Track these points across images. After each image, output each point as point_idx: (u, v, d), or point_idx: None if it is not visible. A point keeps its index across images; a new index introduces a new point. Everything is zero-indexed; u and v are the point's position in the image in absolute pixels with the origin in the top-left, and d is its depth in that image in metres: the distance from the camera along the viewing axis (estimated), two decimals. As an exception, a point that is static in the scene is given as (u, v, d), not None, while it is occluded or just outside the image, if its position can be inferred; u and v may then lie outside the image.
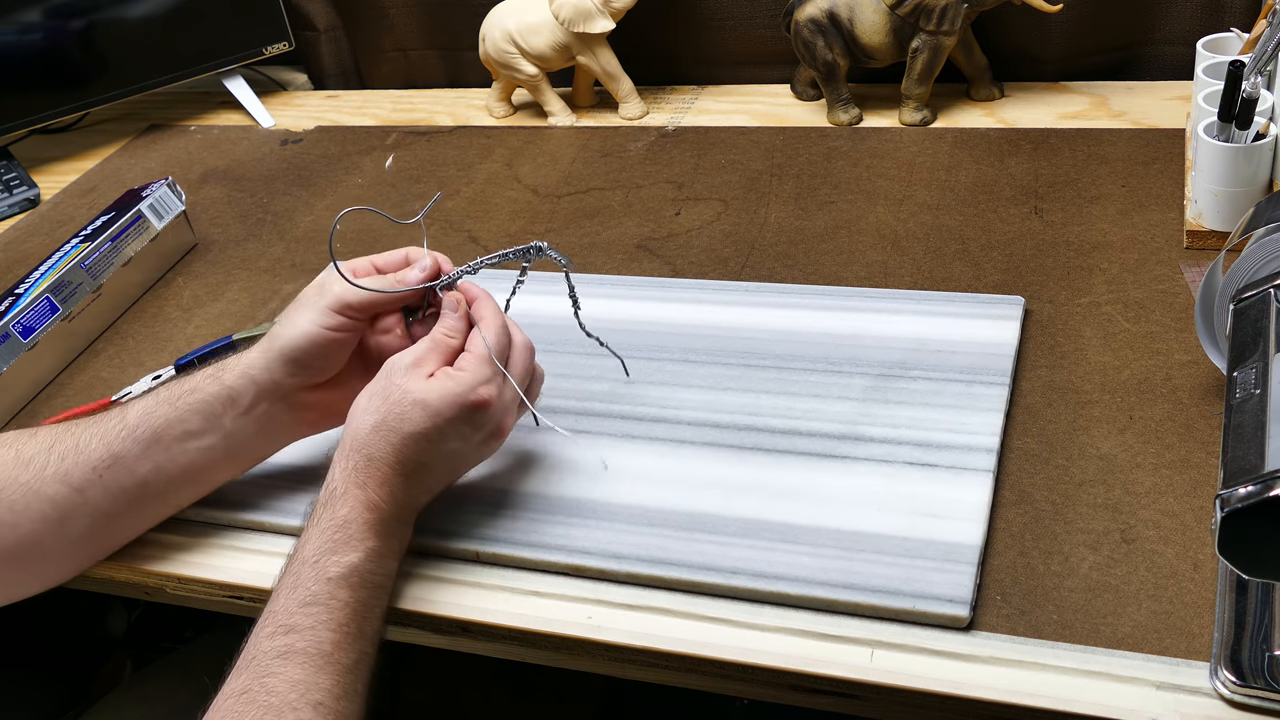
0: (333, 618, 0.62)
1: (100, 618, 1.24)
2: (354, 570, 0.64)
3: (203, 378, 0.72)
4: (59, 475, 0.70)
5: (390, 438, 0.67)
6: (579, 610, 0.68)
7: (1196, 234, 0.90)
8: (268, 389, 0.72)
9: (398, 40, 1.42)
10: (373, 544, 0.66)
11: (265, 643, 0.61)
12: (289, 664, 0.60)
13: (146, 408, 0.72)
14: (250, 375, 0.71)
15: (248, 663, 0.61)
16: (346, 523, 0.65)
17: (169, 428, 0.71)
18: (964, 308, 0.85)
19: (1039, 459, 0.73)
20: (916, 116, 1.15)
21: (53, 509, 0.70)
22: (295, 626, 0.61)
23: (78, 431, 0.72)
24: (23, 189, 1.28)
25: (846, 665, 0.62)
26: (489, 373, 0.69)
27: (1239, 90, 0.85)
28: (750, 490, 0.72)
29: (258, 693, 0.59)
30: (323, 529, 0.65)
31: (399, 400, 0.67)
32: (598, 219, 1.07)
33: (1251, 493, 0.51)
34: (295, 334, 0.71)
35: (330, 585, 0.63)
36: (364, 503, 0.66)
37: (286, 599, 0.63)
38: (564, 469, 0.76)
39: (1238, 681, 0.57)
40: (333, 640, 0.62)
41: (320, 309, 0.71)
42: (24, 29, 1.30)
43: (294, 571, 0.64)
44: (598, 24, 1.19)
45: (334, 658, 0.61)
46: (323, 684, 0.60)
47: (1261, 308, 0.64)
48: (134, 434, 0.71)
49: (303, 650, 0.61)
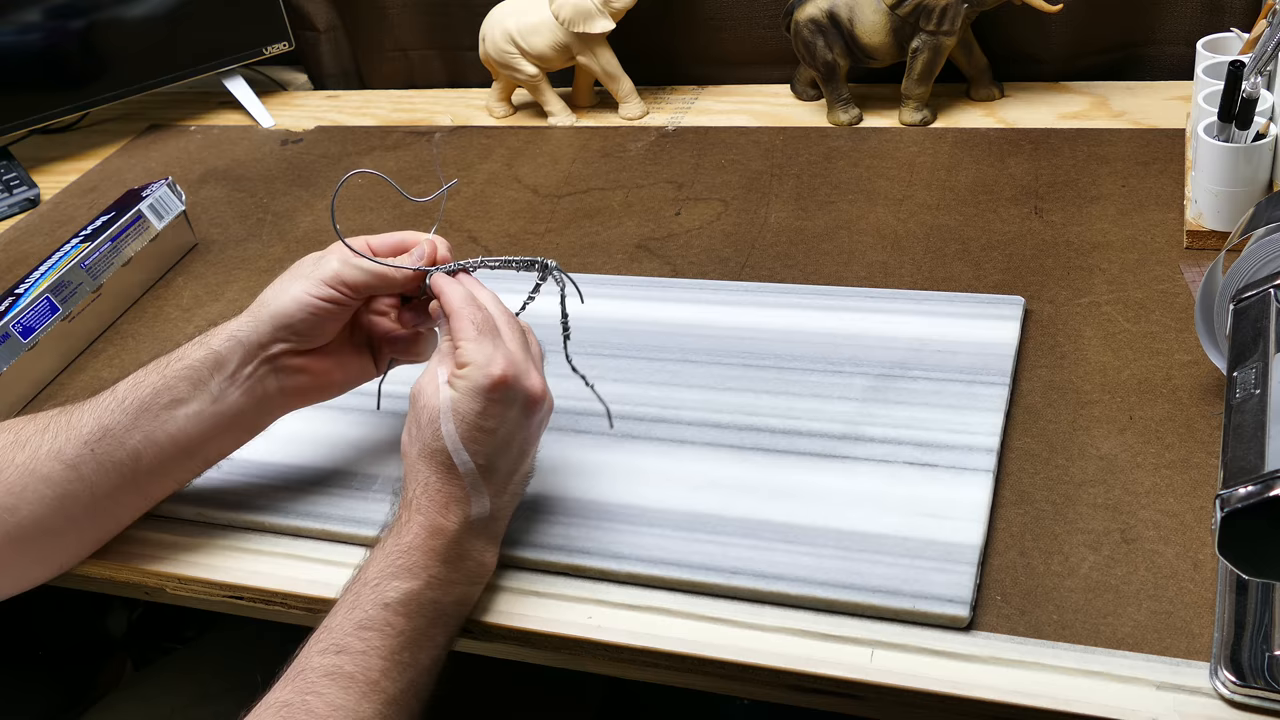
0: (385, 644, 0.62)
1: (100, 618, 1.24)
2: (412, 598, 0.63)
3: (190, 345, 0.72)
4: (53, 453, 0.70)
5: (439, 457, 0.65)
6: (579, 610, 0.68)
7: (1196, 234, 0.90)
8: (254, 352, 0.71)
9: (398, 40, 1.42)
10: (436, 571, 0.64)
11: (315, 658, 0.61)
12: (334, 686, 0.60)
13: (136, 379, 0.71)
14: (237, 338, 0.71)
15: (295, 674, 0.60)
16: (409, 549, 0.64)
17: (156, 396, 0.71)
18: (964, 308, 0.85)
19: (1039, 459, 0.73)
20: (916, 116, 1.15)
21: (49, 488, 0.70)
22: (347, 648, 0.61)
23: (71, 410, 0.71)
24: (23, 189, 1.28)
25: (846, 665, 0.62)
26: (488, 350, 0.66)
27: (1239, 90, 0.85)
28: (750, 490, 0.72)
29: (297, 709, 0.58)
30: (387, 552, 0.64)
31: (429, 421, 0.65)
32: (598, 219, 1.07)
33: (1251, 493, 0.51)
34: (286, 300, 0.70)
35: (386, 611, 0.62)
36: (428, 528, 0.65)
37: (343, 618, 0.62)
38: (564, 469, 0.76)
39: (1238, 681, 0.57)
40: (381, 668, 0.61)
41: (314, 280, 0.70)
42: (24, 29, 1.30)
43: (354, 591, 0.63)
44: (598, 24, 1.19)
45: (380, 685, 0.61)
46: (364, 712, 0.60)
47: (1261, 308, 0.64)
48: (122, 405, 0.70)
49: (349, 675, 0.60)
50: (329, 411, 0.83)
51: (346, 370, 0.76)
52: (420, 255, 0.72)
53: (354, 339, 0.75)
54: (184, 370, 0.71)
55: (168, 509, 0.79)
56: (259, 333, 0.71)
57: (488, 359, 0.65)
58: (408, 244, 0.73)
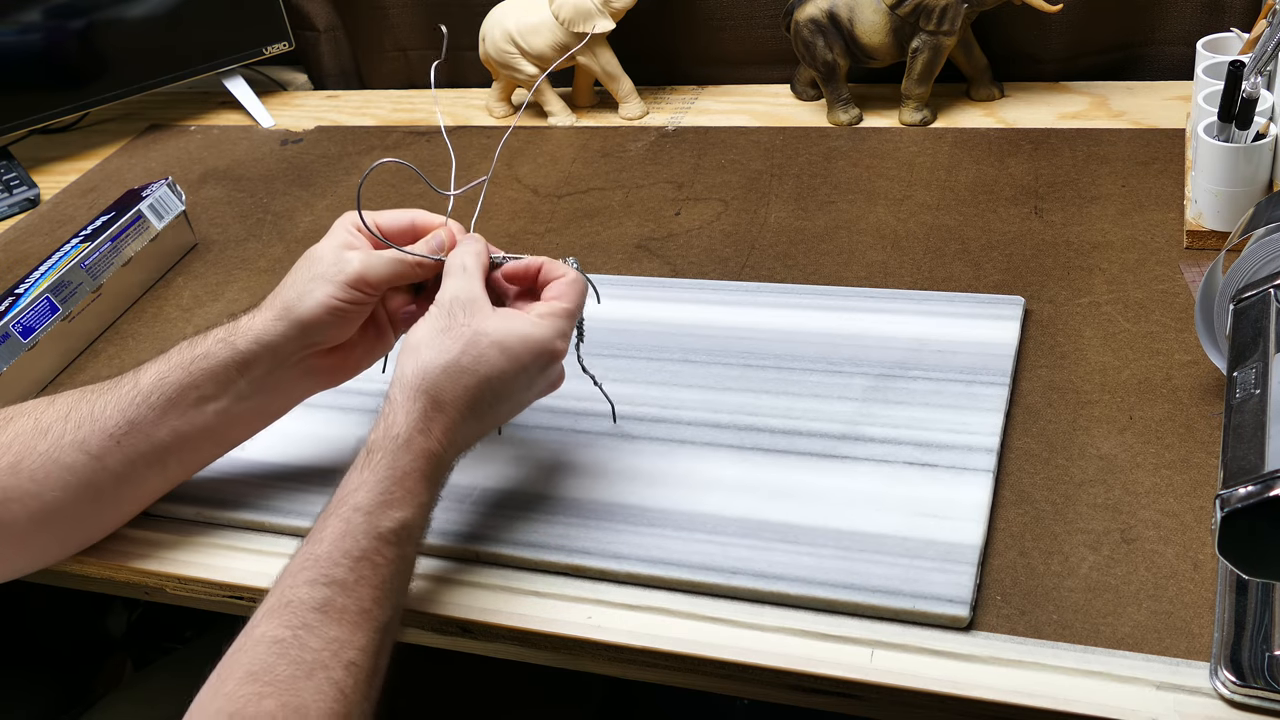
0: (376, 575, 0.61)
1: (100, 618, 1.24)
2: (405, 526, 0.63)
3: (214, 343, 0.71)
4: (76, 443, 0.70)
5: (464, 379, 0.65)
6: (579, 610, 0.68)
7: (1196, 234, 0.90)
8: (281, 356, 0.71)
9: (398, 40, 1.42)
10: (424, 498, 0.64)
11: (305, 590, 0.59)
12: (328, 619, 0.59)
13: (159, 373, 0.71)
14: (263, 342, 0.70)
15: (282, 605, 0.59)
16: (406, 475, 0.63)
17: (183, 394, 0.70)
18: (964, 308, 0.85)
19: (1039, 459, 0.73)
20: (916, 116, 1.15)
21: (73, 476, 0.70)
22: (339, 580, 0.60)
23: (93, 398, 0.71)
24: (23, 189, 1.28)
25: (846, 665, 0.62)
26: (567, 327, 0.68)
27: (1239, 90, 0.85)
28: (750, 490, 0.72)
29: (291, 645, 0.58)
30: (381, 477, 0.63)
31: (473, 341, 0.65)
32: (598, 219, 1.07)
33: (1251, 493, 0.51)
34: (311, 305, 0.70)
35: (380, 541, 0.62)
36: (425, 452, 0.64)
37: (333, 547, 0.61)
38: (564, 469, 0.76)
39: (1238, 681, 0.57)
40: (373, 597, 0.61)
41: (338, 283, 0.70)
42: (24, 29, 1.30)
43: (344, 518, 0.62)
44: (598, 24, 1.19)
45: (372, 614, 0.60)
46: (358, 642, 0.59)
47: (1261, 308, 0.64)
48: (148, 400, 0.70)
49: (343, 607, 0.59)
50: (329, 412, 0.83)
51: (369, 350, 0.76)
52: (439, 244, 0.72)
53: (373, 318, 0.75)
54: (210, 369, 0.71)
55: (167, 509, 0.79)
56: (286, 337, 0.71)
57: (563, 332, 0.68)
58: (420, 226, 0.73)
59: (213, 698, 0.56)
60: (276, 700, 0.55)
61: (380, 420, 0.65)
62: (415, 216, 0.73)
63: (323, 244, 0.72)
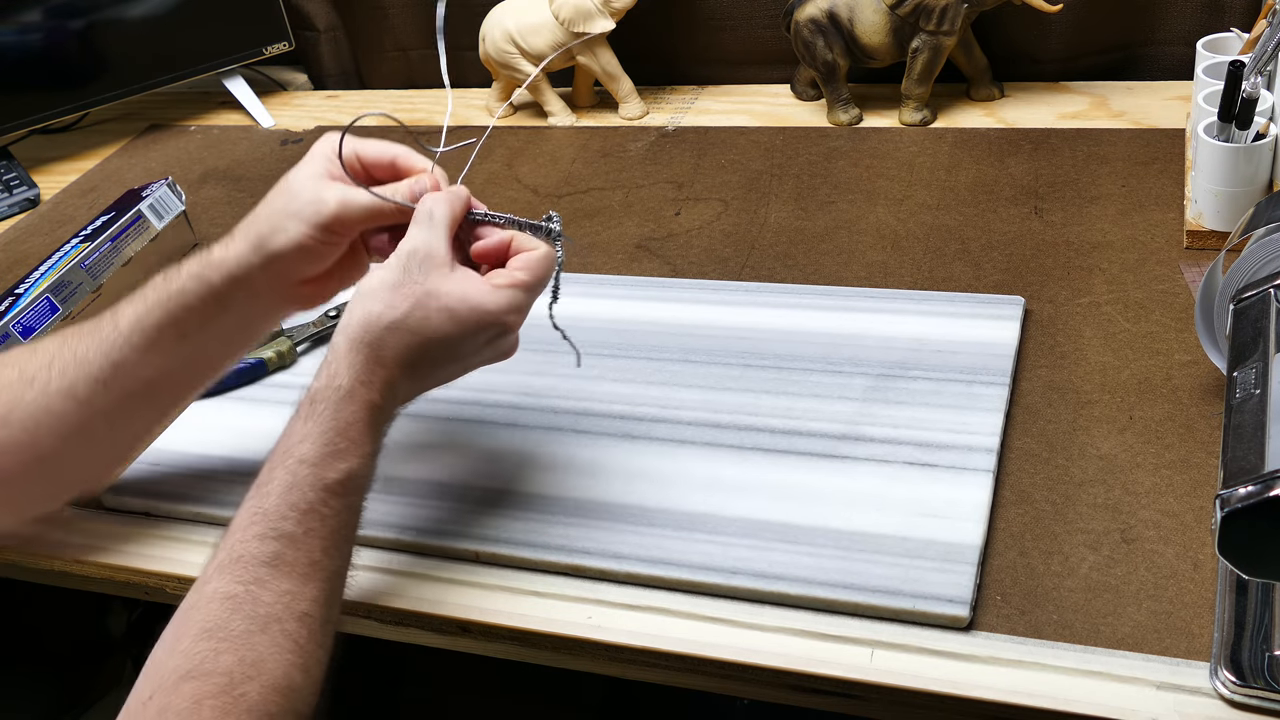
0: (325, 525, 0.61)
1: (100, 618, 1.24)
2: (351, 477, 0.63)
3: (188, 278, 0.70)
4: (64, 391, 0.70)
5: (407, 339, 0.64)
6: (579, 610, 0.68)
7: (1196, 234, 0.90)
8: (256, 288, 0.71)
9: (398, 40, 1.42)
10: (368, 448, 0.64)
11: (254, 544, 0.59)
12: (278, 573, 0.59)
13: (136, 314, 0.71)
14: (236, 276, 0.70)
15: (233, 560, 0.59)
16: (349, 425, 0.63)
17: (162, 333, 0.70)
18: (964, 308, 0.85)
19: (1039, 459, 0.73)
20: (916, 116, 1.15)
21: (65, 423, 0.70)
22: (288, 534, 0.60)
23: (74, 343, 0.71)
24: (23, 189, 1.28)
25: (846, 665, 0.62)
26: (524, 300, 0.67)
27: (1239, 90, 0.85)
28: (750, 490, 0.72)
29: (244, 600, 0.58)
30: (324, 429, 0.62)
31: (422, 301, 0.64)
32: (598, 219, 1.07)
33: (1251, 493, 0.51)
34: (285, 242, 0.69)
35: (326, 493, 0.61)
36: (367, 404, 0.64)
37: (280, 500, 0.60)
38: (564, 469, 0.76)
39: (1238, 681, 0.57)
40: (322, 548, 0.61)
41: (312, 224, 0.68)
42: (24, 29, 1.30)
43: (290, 469, 0.61)
44: (598, 24, 1.19)
45: (321, 564, 0.60)
46: (309, 593, 0.59)
47: (1261, 308, 0.64)
48: (130, 341, 0.70)
49: (293, 560, 0.59)
50: (329, 411, 0.83)
51: (344, 278, 0.75)
52: (421, 190, 0.70)
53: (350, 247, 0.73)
54: (186, 305, 0.70)
55: (167, 509, 0.79)
56: (259, 270, 0.70)
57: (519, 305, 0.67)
58: (401, 165, 0.71)
59: (169, 655, 0.56)
60: (233, 655, 0.56)
61: (323, 368, 0.64)
62: (398, 154, 0.71)
63: (300, 172, 0.70)
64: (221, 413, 0.88)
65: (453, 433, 0.81)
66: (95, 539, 0.79)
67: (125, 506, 0.81)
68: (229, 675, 0.55)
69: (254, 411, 0.87)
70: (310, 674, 0.59)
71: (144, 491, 0.81)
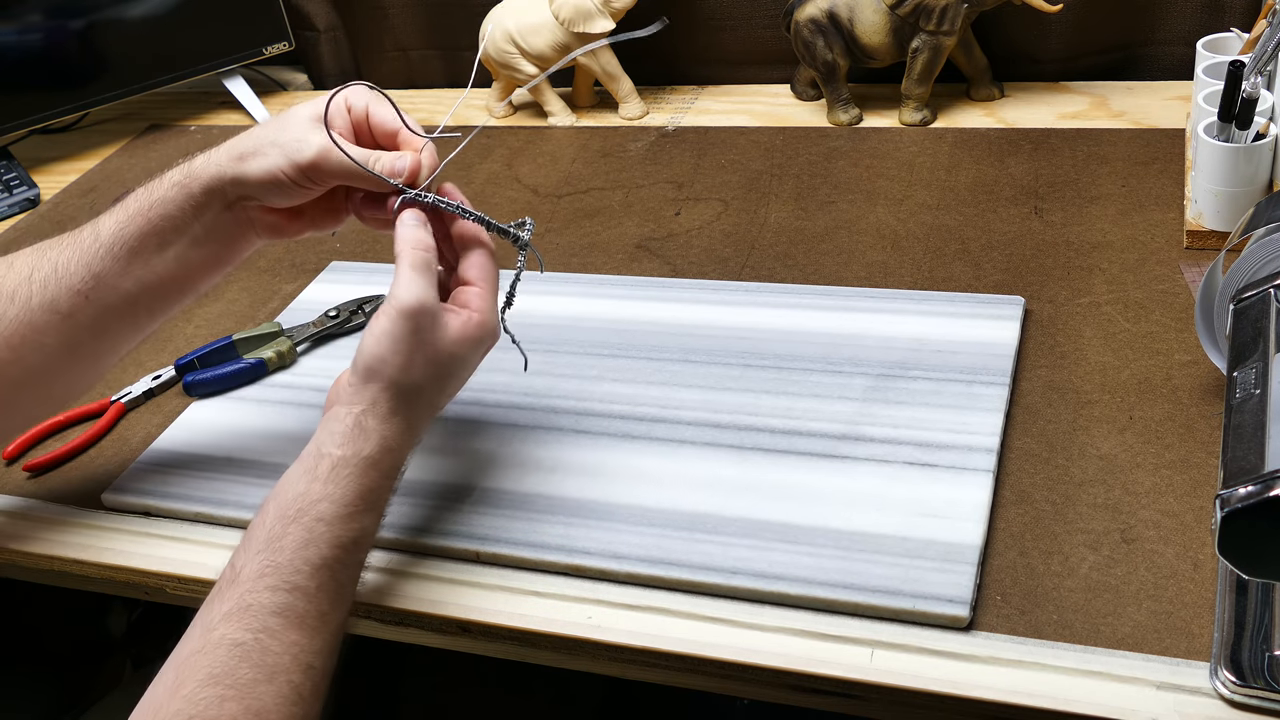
0: (335, 580, 0.62)
1: (100, 618, 1.24)
2: (365, 534, 0.64)
3: (170, 186, 0.71)
4: (45, 304, 0.70)
5: (435, 398, 0.68)
6: (579, 610, 0.68)
7: (1196, 234, 0.90)
8: (228, 200, 0.71)
9: (398, 40, 1.42)
10: (386, 506, 0.66)
11: (265, 595, 0.60)
12: (288, 624, 0.59)
13: (119, 222, 0.71)
14: (212, 188, 0.71)
15: (242, 610, 0.59)
16: (372, 490, 0.64)
17: (143, 242, 0.71)
18: (964, 308, 0.85)
19: (1039, 459, 0.73)
20: (916, 116, 1.15)
21: (48, 337, 0.71)
22: (301, 587, 0.60)
23: (54, 255, 0.72)
24: (23, 189, 1.28)
25: (846, 665, 0.62)
26: (494, 303, 0.70)
27: (1239, 90, 0.85)
28: (750, 490, 0.72)
29: (253, 649, 0.58)
30: (346, 491, 0.63)
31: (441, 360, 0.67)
32: (598, 219, 1.07)
33: (1251, 493, 0.51)
34: (261, 167, 0.70)
35: (343, 551, 0.62)
36: (393, 470, 0.66)
37: (294, 555, 0.61)
38: (564, 469, 0.76)
39: (1238, 681, 0.57)
40: (331, 601, 0.62)
41: (290, 161, 0.69)
42: (24, 29, 1.30)
43: (306, 527, 0.62)
44: (598, 24, 1.19)
45: (329, 617, 0.61)
46: (316, 646, 0.60)
47: (1261, 308, 0.64)
48: (111, 251, 0.71)
49: (304, 612, 0.60)
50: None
51: (315, 221, 0.76)
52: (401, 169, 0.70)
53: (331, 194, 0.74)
54: (167, 214, 0.71)
55: (167, 509, 0.79)
56: (233, 184, 0.71)
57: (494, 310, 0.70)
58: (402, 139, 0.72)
59: (170, 698, 0.56)
60: (239, 704, 0.56)
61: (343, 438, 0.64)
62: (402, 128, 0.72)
63: (303, 109, 0.71)
64: (221, 413, 0.88)
65: (453, 433, 0.81)
66: (95, 539, 0.79)
67: (125, 506, 0.81)
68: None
69: (254, 411, 0.87)
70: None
71: (144, 491, 0.81)
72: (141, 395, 0.91)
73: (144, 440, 0.87)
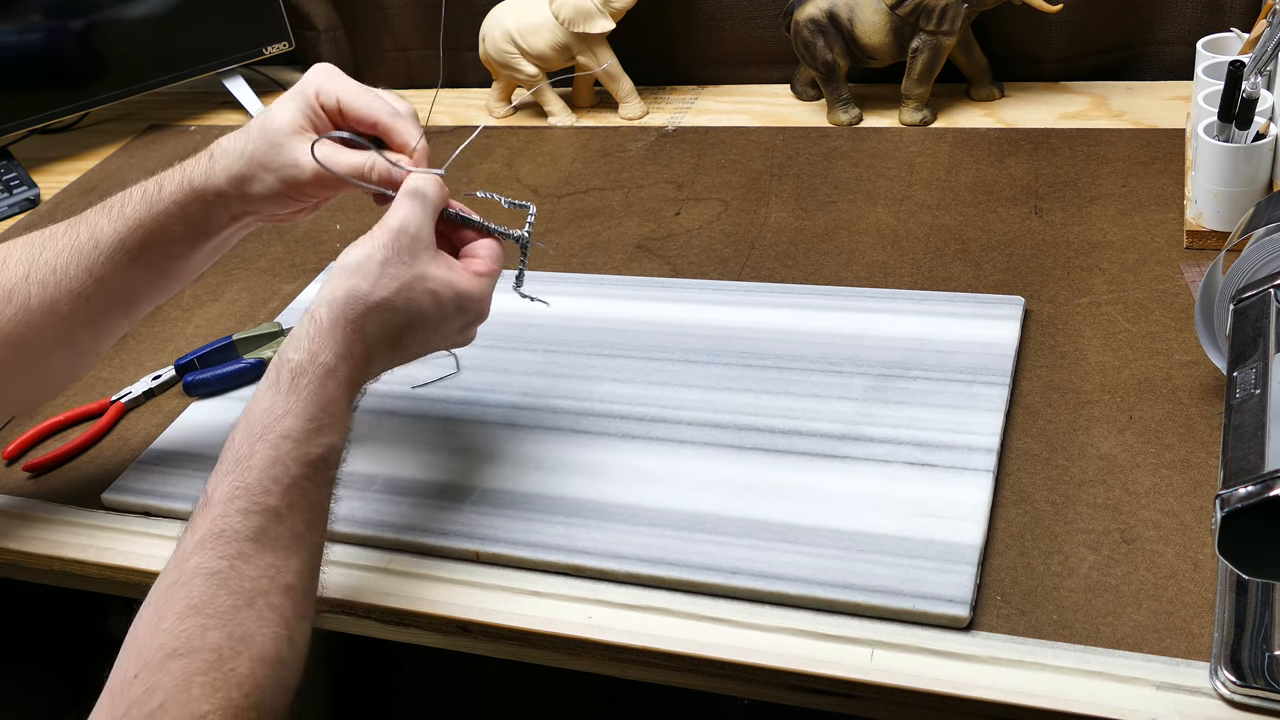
0: (307, 499, 0.61)
1: (100, 618, 1.24)
2: (333, 451, 0.63)
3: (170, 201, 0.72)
4: (45, 306, 0.71)
5: (393, 317, 0.65)
6: (579, 610, 0.68)
7: (1196, 234, 0.90)
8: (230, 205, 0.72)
9: (398, 40, 1.42)
10: (346, 423, 0.65)
11: (237, 519, 0.59)
12: (262, 548, 0.59)
13: (118, 232, 0.72)
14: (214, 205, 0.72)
15: (214, 535, 0.58)
16: (331, 401, 0.63)
17: (144, 251, 0.72)
18: (964, 308, 0.85)
19: (1039, 459, 0.73)
20: (916, 116, 1.15)
21: (48, 335, 0.72)
22: (272, 508, 0.59)
23: (49, 256, 0.72)
24: (23, 189, 1.28)
25: (846, 665, 0.62)
26: (488, 283, 0.70)
27: (1239, 90, 0.85)
28: (750, 490, 0.72)
29: (229, 576, 0.57)
30: (306, 404, 0.62)
31: (411, 283, 0.65)
32: (598, 219, 1.07)
33: (1251, 493, 0.51)
34: (262, 190, 0.71)
35: (309, 468, 0.61)
36: (349, 380, 0.64)
37: (262, 474, 0.60)
38: (564, 469, 0.76)
39: (1238, 681, 0.57)
40: (305, 522, 0.61)
41: (289, 183, 0.70)
42: (24, 29, 1.30)
43: (272, 444, 0.61)
44: (598, 24, 1.19)
45: (305, 538, 0.61)
46: (293, 566, 0.60)
47: (1261, 308, 0.64)
48: (113, 259, 0.71)
49: (277, 534, 0.59)
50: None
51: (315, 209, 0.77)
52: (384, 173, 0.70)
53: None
54: (168, 225, 0.72)
55: (167, 509, 0.79)
56: (236, 202, 0.72)
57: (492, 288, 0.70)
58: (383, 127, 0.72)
59: (152, 633, 0.56)
60: (220, 631, 0.55)
61: (303, 340, 0.64)
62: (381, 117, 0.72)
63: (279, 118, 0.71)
64: (221, 413, 0.88)
65: (453, 433, 0.81)
66: (95, 539, 0.79)
67: (125, 506, 0.81)
68: (217, 651, 0.55)
69: (254, 411, 0.87)
70: (296, 646, 0.59)
71: (144, 491, 0.81)
72: (141, 395, 0.91)
73: (144, 440, 0.87)
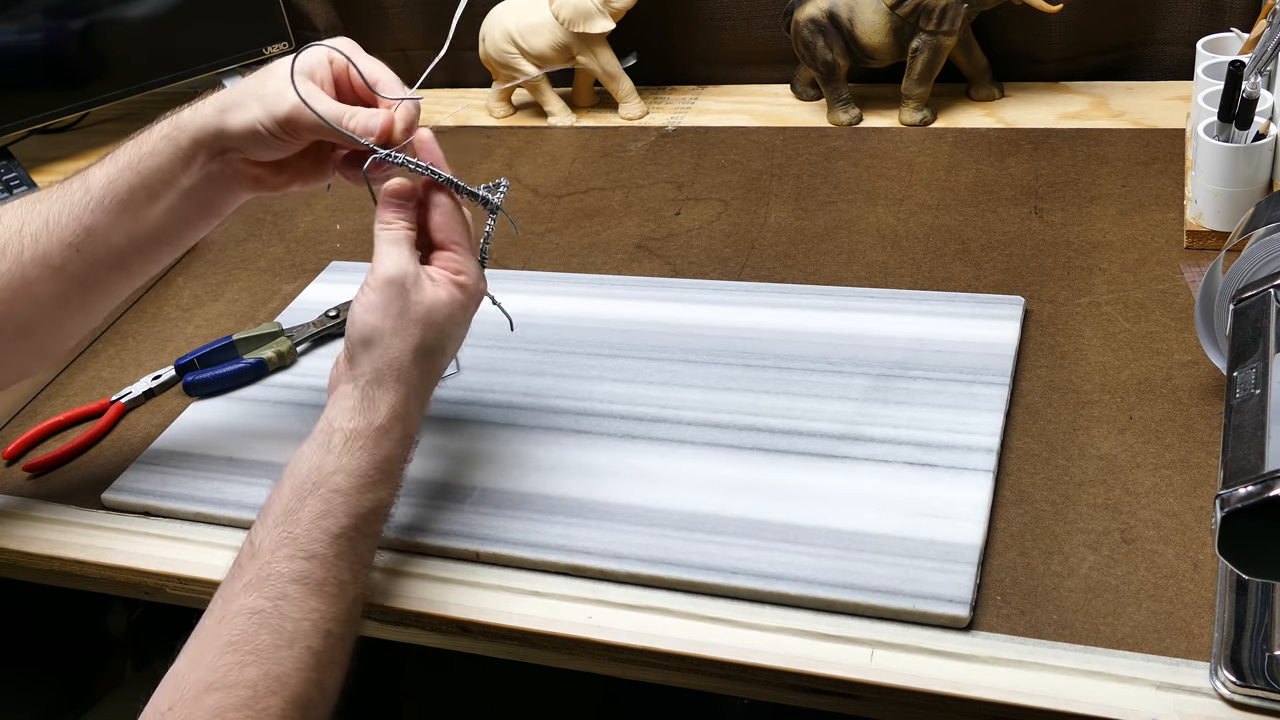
0: (354, 549, 0.63)
1: (100, 618, 1.24)
2: (381, 504, 0.65)
3: (158, 139, 0.72)
4: (37, 258, 0.71)
5: (430, 359, 0.68)
6: (579, 610, 0.68)
7: (1196, 234, 0.90)
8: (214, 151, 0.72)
9: (398, 40, 1.42)
10: (400, 477, 0.67)
11: (284, 564, 0.60)
12: (307, 591, 0.60)
13: (108, 175, 0.72)
14: (199, 140, 0.71)
15: (261, 580, 0.60)
16: (388, 461, 0.65)
17: (133, 195, 0.71)
18: (964, 308, 0.85)
19: (1039, 459, 0.73)
20: (916, 116, 1.15)
21: (40, 290, 0.72)
22: (319, 555, 0.61)
23: (44, 208, 0.72)
24: (23, 189, 1.28)
25: (846, 665, 0.62)
26: (473, 260, 0.71)
27: (1239, 90, 0.85)
28: (750, 490, 0.72)
29: (271, 615, 0.58)
30: (361, 463, 0.64)
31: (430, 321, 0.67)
32: (598, 219, 1.07)
33: (1251, 493, 0.51)
34: (243, 119, 0.70)
35: (360, 521, 0.63)
36: (405, 438, 0.67)
37: (312, 525, 0.62)
38: (564, 469, 0.76)
39: (1238, 681, 0.57)
40: (350, 571, 0.62)
41: (270, 114, 0.70)
42: (24, 29, 1.30)
43: (323, 499, 0.62)
44: (598, 24, 1.19)
45: (348, 587, 0.62)
46: (334, 613, 0.61)
47: (1261, 308, 0.64)
48: (102, 204, 0.71)
49: (322, 580, 0.61)
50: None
51: (301, 174, 0.76)
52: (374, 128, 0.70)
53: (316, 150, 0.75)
54: (157, 166, 0.71)
55: (167, 509, 0.79)
56: (218, 136, 0.71)
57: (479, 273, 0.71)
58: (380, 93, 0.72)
59: (191, 668, 0.57)
60: (258, 669, 0.56)
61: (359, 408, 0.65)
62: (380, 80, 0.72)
63: (283, 64, 0.71)
64: (221, 413, 0.88)
65: (453, 433, 0.81)
66: (95, 539, 0.79)
67: (125, 506, 0.81)
68: (253, 688, 0.56)
69: (254, 411, 0.87)
70: (327, 691, 0.59)
71: (144, 491, 0.81)
72: (141, 395, 0.91)
73: (144, 440, 0.87)
